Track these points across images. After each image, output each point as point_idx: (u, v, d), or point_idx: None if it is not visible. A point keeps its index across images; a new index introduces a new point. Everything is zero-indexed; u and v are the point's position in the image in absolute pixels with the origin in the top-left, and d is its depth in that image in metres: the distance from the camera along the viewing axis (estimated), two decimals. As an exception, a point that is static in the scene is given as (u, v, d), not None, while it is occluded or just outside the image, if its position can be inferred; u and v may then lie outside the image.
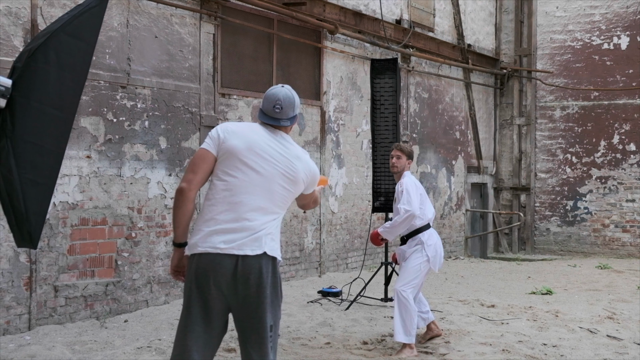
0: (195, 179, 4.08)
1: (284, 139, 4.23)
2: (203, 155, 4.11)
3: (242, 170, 4.06)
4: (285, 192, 4.17)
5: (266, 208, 4.09)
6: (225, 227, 3.99)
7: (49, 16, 7.84)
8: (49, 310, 7.98)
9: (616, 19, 16.96)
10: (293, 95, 4.26)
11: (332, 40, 12.50)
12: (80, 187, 8.33)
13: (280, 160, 4.13)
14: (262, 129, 4.22)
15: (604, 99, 17.03)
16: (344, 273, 12.52)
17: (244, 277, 3.95)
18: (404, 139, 14.24)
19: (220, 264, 3.95)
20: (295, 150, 4.24)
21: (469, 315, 8.98)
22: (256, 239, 4.01)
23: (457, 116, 16.54)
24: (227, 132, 4.12)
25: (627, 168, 16.81)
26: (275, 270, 4.06)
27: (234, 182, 4.05)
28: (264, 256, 4.00)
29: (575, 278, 12.90)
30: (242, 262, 3.95)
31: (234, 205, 4.03)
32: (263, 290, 3.95)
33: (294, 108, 4.26)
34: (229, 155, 4.07)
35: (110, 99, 8.67)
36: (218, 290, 3.95)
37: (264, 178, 4.08)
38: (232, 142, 4.08)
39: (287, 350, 7.18)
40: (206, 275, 3.96)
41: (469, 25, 16.89)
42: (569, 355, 7.12)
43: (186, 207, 4.08)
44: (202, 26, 9.92)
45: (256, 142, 4.11)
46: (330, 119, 12.48)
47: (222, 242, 3.96)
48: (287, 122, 4.24)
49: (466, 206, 16.90)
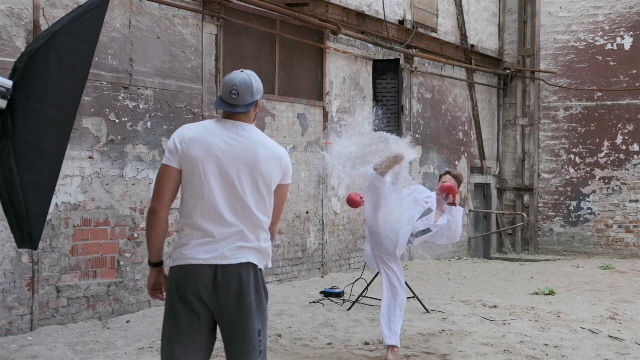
0: (164, 199, 3.95)
1: (244, 129, 4.01)
2: (166, 172, 3.96)
3: (208, 179, 3.89)
4: (256, 190, 3.95)
5: (242, 213, 3.92)
6: (202, 240, 3.88)
7: (51, 17, 7.86)
8: (51, 311, 7.99)
9: (620, 19, 16.94)
10: (251, 80, 4.07)
11: (335, 41, 12.51)
12: (83, 188, 8.35)
13: (243, 157, 3.93)
14: (219, 125, 4.02)
15: (607, 99, 17.02)
16: (346, 273, 12.53)
17: (224, 287, 3.84)
18: (407, 139, 14.21)
19: (200, 275, 3.85)
20: (259, 138, 4.01)
21: (470, 315, 8.98)
22: (235, 247, 3.88)
23: (460, 116, 16.54)
24: (185, 142, 3.92)
25: (630, 168, 16.79)
26: (257, 276, 3.93)
27: (203, 193, 3.89)
28: (244, 265, 3.88)
29: (578, 278, 12.89)
30: (222, 271, 3.84)
31: (208, 216, 3.89)
32: (244, 298, 3.85)
33: (252, 93, 4.04)
34: (191, 166, 3.90)
35: (112, 99, 8.68)
36: (199, 300, 3.86)
37: (232, 182, 3.91)
38: (191, 152, 3.90)
39: (288, 350, 7.19)
40: (186, 286, 3.86)
41: (472, 25, 16.88)
42: (570, 355, 7.12)
43: (159, 227, 3.98)
44: (204, 27, 9.94)
45: (215, 145, 3.92)
46: (332, 120, 12.48)
47: (202, 253, 3.86)
48: (243, 109, 4.02)
49: (469, 206, 16.89)
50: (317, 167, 12.11)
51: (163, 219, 3.97)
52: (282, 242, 11.38)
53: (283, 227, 11.41)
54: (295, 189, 11.66)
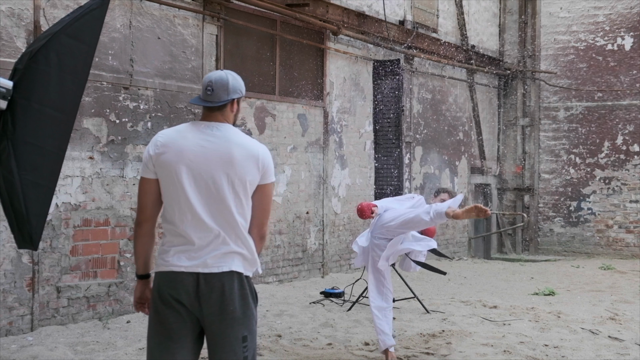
0: (147, 211, 3.92)
1: (219, 129, 3.88)
2: (143, 185, 3.93)
3: (182, 184, 3.80)
4: (233, 192, 3.82)
5: (221, 217, 3.81)
6: (182, 247, 3.80)
7: (51, 17, 7.86)
8: (51, 311, 8.00)
9: (620, 20, 16.94)
10: (228, 77, 3.92)
11: (335, 41, 12.51)
12: (83, 188, 8.36)
13: (217, 158, 3.81)
14: (193, 128, 3.91)
15: (608, 99, 17.02)
16: (346, 274, 12.53)
17: (206, 295, 3.76)
18: (407, 140, 14.24)
19: (182, 282, 3.77)
20: (234, 138, 3.88)
21: (471, 316, 8.99)
22: (219, 255, 3.79)
23: (461, 117, 16.54)
24: (157, 148, 3.84)
25: (630, 169, 16.79)
26: (243, 283, 3.83)
27: (180, 199, 3.81)
28: (226, 274, 3.78)
29: (578, 279, 12.89)
30: (204, 280, 3.76)
31: (187, 221, 3.80)
32: (226, 307, 3.76)
33: (227, 91, 3.90)
34: (165, 172, 3.83)
35: (112, 100, 8.69)
36: (182, 307, 3.78)
37: (207, 185, 3.81)
38: (163, 157, 3.83)
39: (288, 351, 7.19)
40: (169, 293, 3.79)
41: (472, 26, 16.89)
42: (570, 356, 7.12)
43: (144, 239, 3.95)
44: (204, 27, 9.95)
45: (187, 149, 3.82)
46: (333, 120, 12.49)
47: (183, 260, 3.79)
48: (217, 103, 3.89)
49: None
50: (317, 168, 12.11)
51: (148, 231, 3.94)
52: (282, 243, 11.39)
53: (283, 227, 11.42)
54: (295, 189, 11.66)
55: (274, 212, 11.20)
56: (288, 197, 11.50)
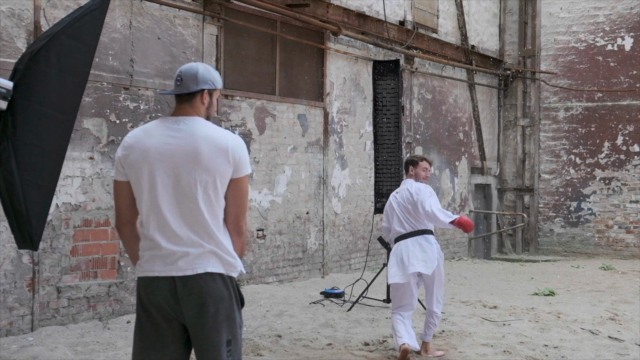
0: (123, 216, 3.80)
1: (186, 123, 3.69)
2: (116, 188, 3.80)
3: (149, 185, 3.65)
4: (202, 189, 3.62)
5: (190, 217, 3.63)
6: (153, 252, 3.66)
7: (51, 18, 7.87)
8: (51, 312, 8.00)
9: (620, 20, 16.94)
10: (198, 68, 3.74)
11: (336, 42, 12.52)
12: (83, 189, 8.36)
13: (182, 154, 3.62)
14: (159, 124, 3.73)
15: (608, 100, 17.02)
16: (346, 274, 12.53)
17: (185, 299, 3.61)
18: (408, 140, 14.25)
19: (159, 287, 3.63)
20: (201, 131, 3.67)
21: (471, 316, 8.99)
22: (191, 257, 3.61)
23: (461, 117, 16.54)
24: (125, 149, 3.71)
25: (630, 169, 16.79)
26: (224, 285, 3.66)
27: (148, 200, 3.65)
28: (202, 276, 3.61)
29: (578, 279, 12.89)
30: (181, 283, 3.61)
31: (160, 226, 3.64)
32: (206, 310, 3.61)
33: (196, 81, 3.70)
34: (132, 173, 3.69)
35: (113, 100, 8.70)
36: (164, 313, 3.65)
37: (173, 184, 3.63)
38: (130, 159, 3.68)
39: (288, 351, 7.20)
40: (148, 299, 3.67)
41: (472, 26, 16.89)
42: (569, 356, 7.13)
43: (127, 241, 3.86)
44: (205, 28, 9.95)
45: (151, 148, 3.65)
46: (333, 120, 12.50)
47: (157, 265, 3.64)
48: (185, 90, 3.71)
49: (470, 207, 16.90)
50: (317, 168, 12.12)
51: (129, 234, 3.84)
52: (282, 243, 11.39)
53: (284, 227, 11.42)
54: (295, 189, 11.66)
55: (275, 212, 11.21)
56: (288, 198, 11.51)
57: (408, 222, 7.11)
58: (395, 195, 7.28)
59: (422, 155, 7.60)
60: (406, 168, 7.44)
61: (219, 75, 3.86)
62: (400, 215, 7.14)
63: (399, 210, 7.15)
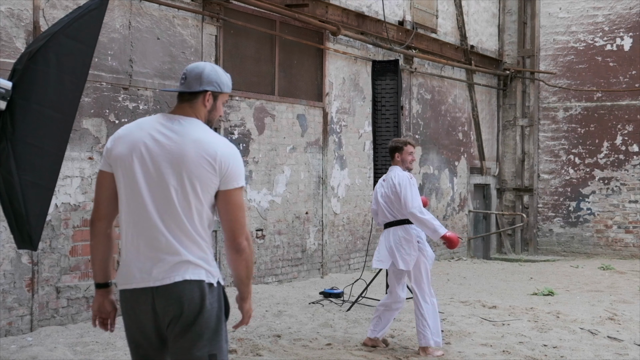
0: (100, 208, 3.53)
1: (181, 124, 3.47)
2: (99, 178, 3.55)
3: (130, 180, 3.43)
4: (183, 195, 3.40)
5: (170, 221, 3.39)
6: (130, 257, 3.46)
7: (51, 18, 7.87)
8: (50, 312, 8.00)
9: (619, 20, 16.95)
10: (205, 67, 3.54)
11: (335, 42, 12.52)
12: (82, 189, 8.36)
13: (169, 155, 3.41)
14: (154, 119, 3.53)
15: (607, 100, 17.03)
16: (346, 274, 12.53)
17: (163, 310, 3.36)
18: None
19: (137, 300, 3.42)
20: (193, 134, 3.44)
21: (470, 316, 9.00)
22: (168, 265, 3.37)
23: (460, 117, 16.55)
24: (114, 140, 3.50)
25: (630, 169, 16.80)
26: (206, 294, 3.39)
27: (130, 201, 3.43)
28: (180, 284, 3.36)
29: (577, 279, 12.90)
30: (158, 293, 3.37)
31: (138, 229, 3.42)
32: (186, 321, 3.35)
33: (200, 81, 3.49)
34: (116, 167, 3.46)
35: (112, 100, 8.70)
36: (147, 326, 3.44)
37: (155, 184, 3.41)
38: (116, 150, 3.46)
39: (287, 351, 7.20)
40: (128, 313, 3.48)
41: (472, 26, 16.90)
42: (568, 356, 7.13)
43: (97, 241, 3.56)
44: (204, 28, 9.95)
45: (140, 141, 3.44)
46: (332, 120, 12.50)
47: (135, 272, 3.42)
48: (186, 89, 3.52)
49: (469, 207, 16.91)
50: (316, 168, 12.12)
51: (102, 232, 3.55)
52: (281, 243, 11.39)
53: (283, 227, 11.42)
54: (294, 189, 11.67)
55: (274, 212, 11.21)
56: (287, 198, 11.51)
57: (390, 212, 7.26)
58: (382, 184, 7.38)
59: (405, 139, 7.46)
60: (392, 154, 7.40)
61: (229, 79, 3.65)
62: (384, 205, 7.30)
63: (382, 200, 7.31)
